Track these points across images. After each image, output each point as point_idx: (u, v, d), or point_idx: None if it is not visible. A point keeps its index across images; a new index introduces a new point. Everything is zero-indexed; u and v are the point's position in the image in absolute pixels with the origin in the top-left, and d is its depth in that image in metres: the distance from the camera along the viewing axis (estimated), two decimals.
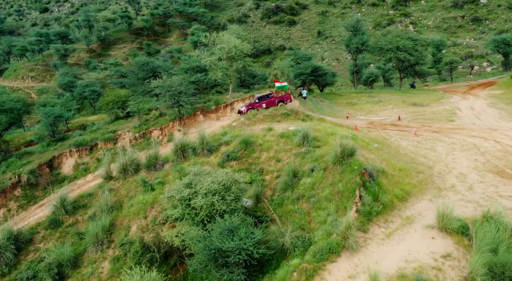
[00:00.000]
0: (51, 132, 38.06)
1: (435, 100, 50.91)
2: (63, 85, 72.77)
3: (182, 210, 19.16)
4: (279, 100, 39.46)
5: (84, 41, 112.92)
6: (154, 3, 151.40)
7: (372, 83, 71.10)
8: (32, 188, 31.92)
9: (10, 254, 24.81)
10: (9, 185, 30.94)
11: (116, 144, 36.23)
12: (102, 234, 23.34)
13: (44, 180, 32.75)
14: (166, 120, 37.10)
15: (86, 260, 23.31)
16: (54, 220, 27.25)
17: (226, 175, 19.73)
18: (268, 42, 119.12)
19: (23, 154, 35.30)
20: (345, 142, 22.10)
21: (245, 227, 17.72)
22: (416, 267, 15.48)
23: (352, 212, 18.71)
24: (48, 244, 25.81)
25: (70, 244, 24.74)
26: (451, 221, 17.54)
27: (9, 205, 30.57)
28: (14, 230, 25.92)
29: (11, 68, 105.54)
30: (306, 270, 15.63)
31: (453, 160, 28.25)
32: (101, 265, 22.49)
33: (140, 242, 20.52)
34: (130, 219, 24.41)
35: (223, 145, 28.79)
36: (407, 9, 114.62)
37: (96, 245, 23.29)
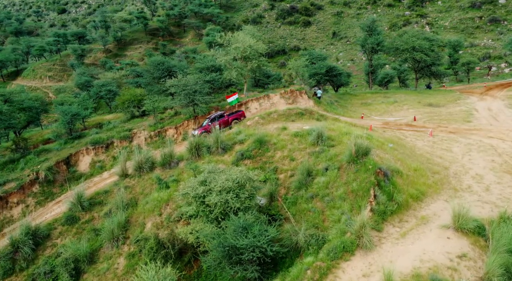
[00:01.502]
0: (68, 130, 38.66)
1: (452, 101, 50.36)
2: (80, 85, 73.94)
3: (197, 207, 19.30)
4: (232, 119, 37.52)
5: (101, 42, 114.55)
6: (169, 4, 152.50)
7: (387, 83, 70.59)
8: (49, 185, 32.45)
9: (28, 249, 25.30)
10: (27, 181, 31.51)
11: (132, 142, 36.64)
12: (117, 230, 23.63)
13: (61, 177, 33.28)
14: (181, 119, 37.42)
15: (102, 256, 23.63)
16: (70, 216, 27.67)
17: (240, 173, 19.83)
18: (282, 42, 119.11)
19: (41, 152, 35.91)
20: (359, 142, 22.02)
21: (259, 225, 17.76)
22: (431, 267, 15.37)
23: (366, 211, 18.62)
24: (65, 240, 26.22)
25: (86, 240, 25.12)
26: (467, 221, 17.36)
27: (27, 201, 31.12)
28: (32, 225, 26.43)
29: (30, 68, 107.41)
30: (320, 268, 15.62)
31: (469, 160, 27.93)
32: (116, 261, 22.77)
33: (155, 239, 20.73)
34: (145, 216, 24.66)
35: (238, 144, 28.91)
36: (423, 9, 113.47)
37: (112, 242, 23.59)
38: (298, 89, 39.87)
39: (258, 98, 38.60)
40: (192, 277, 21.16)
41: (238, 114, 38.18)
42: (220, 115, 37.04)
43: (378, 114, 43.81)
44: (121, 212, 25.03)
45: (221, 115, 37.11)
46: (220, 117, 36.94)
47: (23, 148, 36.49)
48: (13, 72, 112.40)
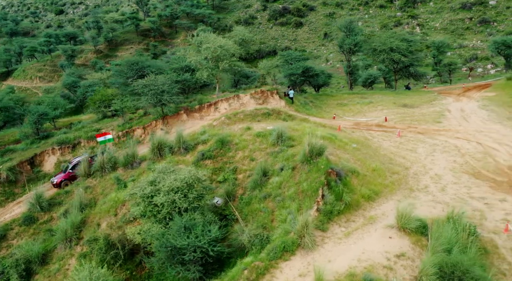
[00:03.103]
0: (35, 130, 38.27)
1: (427, 102, 50.53)
2: (67, 85, 73.85)
3: (144, 207, 19.15)
4: None
5: (92, 42, 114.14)
6: (162, 5, 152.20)
7: (371, 84, 70.64)
8: (11, 185, 32.12)
9: None
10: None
11: None
12: (71, 231, 23.37)
13: (25, 178, 32.92)
14: (149, 119, 37.19)
15: (55, 257, 23.35)
16: (28, 217, 27.39)
17: (189, 173, 19.70)
18: (274, 43, 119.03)
19: (6, 152, 35.52)
20: (313, 142, 21.97)
21: (202, 225, 17.63)
22: (367, 266, 15.34)
23: (312, 211, 18.59)
24: (21, 240, 25.93)
25: (41, 241, 24.87)
26: (409, 221, 17.38)
27: None
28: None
29: (20, 68, 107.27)
30: (257, 268, 15.52)
31: (431, 161, 28.07)
32: (68, 262, 22.51)
33: (105, 239, 20.52)
34: (100, 216, 24.43)
35: (200, 144, 28.78)
36: (414, 11, 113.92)
37: (64, 242, 23.32)
38: (269, 90, 39.79)
39: (228, 99, 38.43)
40: (143, 277, 20.96)
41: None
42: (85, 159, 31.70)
43: (351, 115, 43.86)
44: (76, 212, 24.80)
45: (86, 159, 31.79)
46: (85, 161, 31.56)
47: None
48: (4, 73, 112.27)
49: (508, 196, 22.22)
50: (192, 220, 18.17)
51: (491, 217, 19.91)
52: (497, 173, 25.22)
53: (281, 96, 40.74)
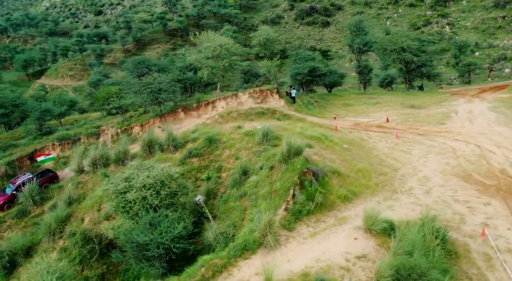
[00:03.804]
0: (38, 126, 39.25)
1: (436, 103, 49.49)
2: (92, 84, 75.78)
3: (117, 203, 19.44)
4: (44, 182, 32.04)
5: (120, 42, 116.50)
6: (190, 5, 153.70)
7: (389, 84, 69.28)
8: (9, 179, 32.99)
9: None
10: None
11: (99, 138, 37.06)
12: (54, 225, 23.90)
13: (24, 172, 33.79)
14: (148, 117, 37.66)
15: (39, 249, 23.93)
16: (21, 210, 28.19)
17: (161, 170, 19.89)
18: (299, 43, 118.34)
19: (8, 147, 36.54)
20: (292, 142, 21.86)
21: (167, 222, 17.78)
22: (323, 267, 15.19)
23: (280, 210, 18.53)
24: (12, 233, 26.66)
25: (29, 234, 25.51)
26: (376, 222, 17.13)
27: None
28: None
29: (53, 67, 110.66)
30: (215, 266, 15.55)
31: (423, 163, 27.56)
32: (50, 255, 23.00)
33: (81, 234, 20.92)
34: (85, 211, 24.93)
35: (190, 142, 29.00)
36: (445, 9, 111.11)
37: (48, 236, 23.88)
38: (268, 89, 39.69)
39: (225, 97, 38.52)
40: (120, 272, 21.28)
41: (50, 176, 33.01)
42: (29, 179, 31.26)
43: (354, 115, 43.34)
44: (62, 207, 25.35)
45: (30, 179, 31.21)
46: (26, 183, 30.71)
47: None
48: (38, 71, 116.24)
49: (493, 200, 21.66)
50: (163, 216, 18.32)
51: (470, 221, 19.45)
52: (488, 177, 24.56)
53: (281, 95, 40.59)
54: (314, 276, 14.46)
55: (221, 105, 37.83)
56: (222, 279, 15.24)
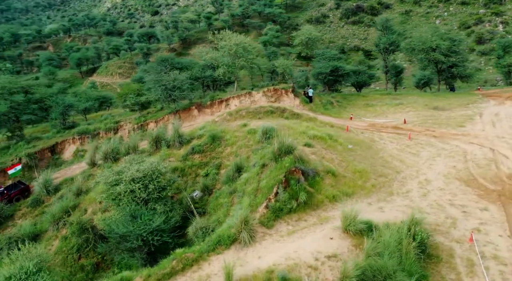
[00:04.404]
0: (62, 120, 41.04)
1: (463, 105, 47.83)
2: (135, 81, 78.77)
3: (108, 195, 20.21)
4: (15, 195, 31.49)
5: (166, 41, 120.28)
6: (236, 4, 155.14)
7: (425, 85, 67.36)
8: (30, 170, 34.77)
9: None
10: (9, 165, 33.89)
11: (117, 133, 38.35)
12: (59, 214, 25.04)
13: (45, 164, 35.54)
14: (163, 114, 38.60)
15: (45, 237, 25.18)
16: (36, 199, 29.68)
17: (150, 165, 20.50)
18: (343, 42, 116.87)
19: (32, 139, 38.47)
20: (283, 140, 21.95)
21: (150, 215, 18.33)
22: (290, 264, 15.27)
23: (261, 207, 18.71)
24: (25, 220, 28.14)
25: (39, 222, 26.85)
26: (354, 223, 17.03)
27: (7, 183, 33.51)
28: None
29: (104, 65, 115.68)
30: (186, 259, 15.94)
31: (429, 166, 26.97)
32: (52, 243, 24.21)
33: (78, 224, 21.82)
34: (89, 203, 25.98)
35: (195, 139, 29.54)
36: (500, 7, 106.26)
37: (53, 225, 25.06)
38: (283, 88, 39.67)
39: (239, 96, 38.86)
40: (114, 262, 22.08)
41: (22, 189, 32.25)
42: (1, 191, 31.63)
43: (372, 116, 42.65)
44: (69, 198, 26.52)
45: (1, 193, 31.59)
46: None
47: (19, 136, 39.26)
48: (90, 69, 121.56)
49: (492, 205, 21.06)
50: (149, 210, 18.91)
51: (462, 226, 19.00)
52: (493, 182, 23.78)
53: (297, 94, 40.47)
54: (277, 273, 14.58)
55: (234, 103, 38.24)
56: (191, 272, 15.61)
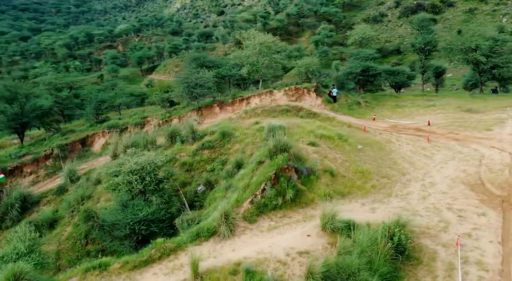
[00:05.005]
0: (95, 114, 43.44)
1: (500, 107, 45.70)
2: None
3: (108, 185, 21.51)
4: None
5: (222, 40, 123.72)
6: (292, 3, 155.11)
7: (474, 86, 64.79)
8: (61, 160, 37.16)
9: (15, 211, 29.80)
10: (42, 156, 36.47)
11: (143, 128, 40.12)
12: (73, 202, 26.80)
13: (75, 155, 37.87)
14: (186, 110, 39.92)
15: (60, 223, 27.03)
16: (61, 187, 31.81)
17: (148, 158, 21.58)
18: (399, 41, 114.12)
19: (67, 132, 41.03)
20: (279, 138, 22.39)
21: (140, 205, 19.37)
22: (260, 258, 15.72)
23: (246, 202, 19.27)
24: (50, 207, 30.26)
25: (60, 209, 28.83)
26: (332, 222, 17.25)
27: (39, 172, 36.12)
28: (24, 192, 30.92)
29: (163, 64, 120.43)
30: (164, 249, 16.81)
31: (439, 169, 26.46)
32: (65, 229, 25.97)
33: (85, 211, 23.30)
34: (102, 192, 27.55)
35: (208, 135, 30.47)
36: None
37: (68, 212, 26.86)
38: (305, 87, 39.73)
39: (260, 94, 39.39)
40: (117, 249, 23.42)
41: None
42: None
43: (398, 117, 41.86)
44: (84, 187, 28.27)
45: None
46: None
47: (55, 128, 42.03)
48: (151, 67, 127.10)
49: (492, 211, 20.53)
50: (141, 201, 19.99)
51: (454, 230, 18.69)
52: (500, 187, 23.01)
53: (319, 94, 40.42)
54: (243, 266, 15.11)
55: (255, 101, 38.84)
56: (167, 261, 16.46)
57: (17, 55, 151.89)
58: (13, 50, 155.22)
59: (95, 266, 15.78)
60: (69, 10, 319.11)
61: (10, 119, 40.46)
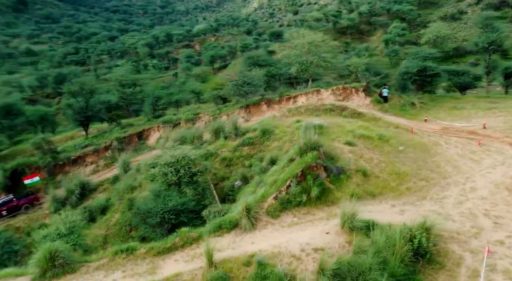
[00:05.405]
0: (152, 110, 45.87)
1: None
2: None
3: (146, 176, 22.94)
4: (23, 203, 36.31)
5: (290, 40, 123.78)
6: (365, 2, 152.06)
7: None
8: (119, 151, 39.73)
9: (75, 197, 32.44)
10: (102, 147, 39.23)
11: (194, 124, 41.78)
12: (122, 191, 28.73)
13: (131, 147, 40.31)
14: (235, 107, 41.00)
15: (111, 210, 29.05)
16: (116, 177, 34.12)
17: (182, 152, 22.71)
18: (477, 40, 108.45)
19: (126, 126, 43.70)
20: (310, 137, 22.64)
21: (173, 196, 20.52)
22: (275, 252, 16.21)
23: (270, 198, 19.77)
24: (104, 195, 32.57)
25: (112, 196, 30.96)
26: (353, 221, 17.33)
27: (99, 162, 38.86)
28: (83, 180, 33.52)
29: (233, 62, 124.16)
30: (188, 238, 17.80)
31: (485, 174, 25.42)
32: (113, 215, 27.88)
33: (128, 200, 24.98)
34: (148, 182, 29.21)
35: (250, 132, 31.26)
36: None
37: (117, 199, 28.82)
38: (354, 87, 39.26)
39: (307, 93, 39.44)
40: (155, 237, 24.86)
41: (30, 198, 37.01)
42: (8, 200, 36.09)
43: (452, 119, 40.23)
44: (132, 177, 30.14)
45: (9, 201, 36.06)
46: (8, 203, 35.96)
47: (117, 122, 44.92)
48: (222, 66, 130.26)
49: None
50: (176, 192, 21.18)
51: (486, 237, 18.12)
52: None
53: (369, 94, 39.74)
54: (256, 258, 15.67)
55: (302, 100, 39.02)
56: (189, 249, 17.43)
57: (104, 54, 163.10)
58: (101, 50, 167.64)
59: (123, 250, 17.06)
60: (155, 11, 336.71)
61: (76, 112, 43.91)
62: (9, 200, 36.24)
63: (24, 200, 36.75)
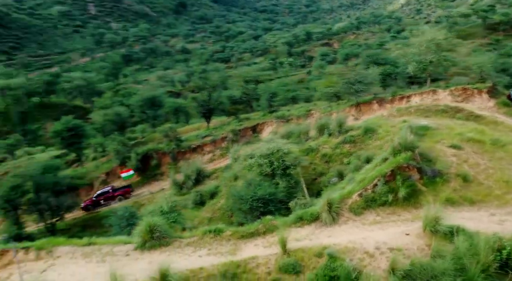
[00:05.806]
0: (268, 105, 48.06)
1: None
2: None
3: (244, 166, 24.63)
4: (117, 194, 41.96)
5: None
6: None
7: None
8: (233, 143, 42.62)
9: (190, 182, 35.99)
10: (219, 138, 42.57)
11: (306, 120, 42.75)
12: (228, 179, 31.11)
13: (246, 139, 42.94)
14: (345, 105, 40.90)
15: (219, 195, 31.60)
16: (227, 166, 36.88)
17: (276, 145, 23.89)
18: None
19: (243, 119, 46.64)
20: (405, 137, 22.14)
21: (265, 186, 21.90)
22: (349, 247, 16.57)
23: (355, 195, 19.94)
24: (215, 182, 35.46)
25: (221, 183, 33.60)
26: (436, 225, 16.87)
27: (215, 152, 42.29)
28: (199, 167, 36.91)
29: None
30: (270, 225, 18.98)
31: None
32: (219, 201, 30.32)
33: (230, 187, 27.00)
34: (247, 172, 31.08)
35: (354, 130, 31.20)
36: None
37: (224, 186, 31.24)
38: (476, 87, 36.18)
39: (421, 93, 37.45)
40: None
41: (124, 191, 42.51)
42: (106, 191, 42.48)
43: None
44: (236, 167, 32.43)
45: (106, 191, 42.41)
46: (106, 193, 42.33)
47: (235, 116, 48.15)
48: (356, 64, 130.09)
49: None
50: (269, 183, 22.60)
51: None
52: None
53: (494, 96, 36.31)
54: (328, 250, 16.19)
55: (415, 99, 37.29)
56: (269, 236, 18.61)
57: (247, 52, 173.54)
58: (245, 48, 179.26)
59: (211, 230, 18.93)
60: (300, 10, 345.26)
61: (199, 105, 48.22)
62: (107, 191, 42.58)
63: (119, 191, 42.53)
